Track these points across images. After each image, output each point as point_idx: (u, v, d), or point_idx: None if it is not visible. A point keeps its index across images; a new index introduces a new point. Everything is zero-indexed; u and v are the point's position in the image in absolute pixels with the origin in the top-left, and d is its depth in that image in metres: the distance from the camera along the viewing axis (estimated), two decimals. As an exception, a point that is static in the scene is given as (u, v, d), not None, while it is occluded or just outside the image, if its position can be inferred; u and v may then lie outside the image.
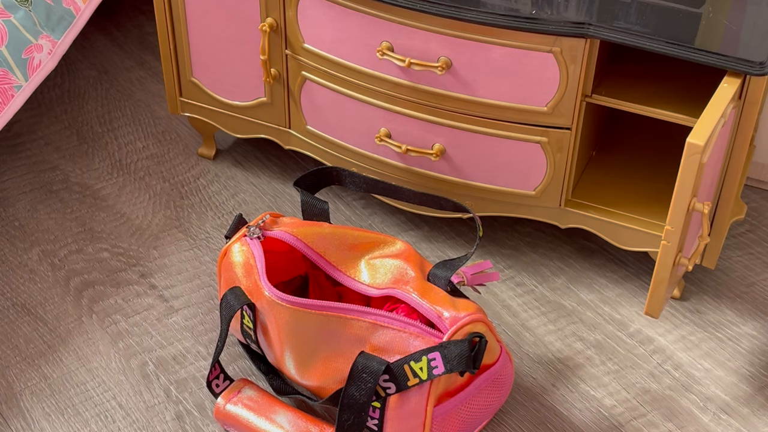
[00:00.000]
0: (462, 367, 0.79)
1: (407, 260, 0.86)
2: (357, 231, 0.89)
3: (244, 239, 0.89)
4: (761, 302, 1.02)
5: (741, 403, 0.92)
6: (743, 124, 0.89)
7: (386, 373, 0.79)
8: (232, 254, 0.89)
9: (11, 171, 1.18)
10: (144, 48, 1.38)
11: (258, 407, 0.87)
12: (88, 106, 1.28)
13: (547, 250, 1.08)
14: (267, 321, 0.87)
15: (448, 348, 0.79)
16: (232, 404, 0.87)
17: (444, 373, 0.79)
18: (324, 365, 0.84)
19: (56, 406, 0.91)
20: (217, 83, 1.11)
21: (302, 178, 0.95)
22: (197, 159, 1.20)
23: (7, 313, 1.00)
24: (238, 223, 0.91)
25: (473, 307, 0.82)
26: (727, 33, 0.90)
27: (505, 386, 0.87)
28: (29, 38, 1.10)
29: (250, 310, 0.88)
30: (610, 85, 0.94)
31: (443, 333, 0.80)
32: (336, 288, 0.95)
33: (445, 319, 0.81)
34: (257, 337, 0.89)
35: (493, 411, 0.87)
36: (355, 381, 0.80)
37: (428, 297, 0.82)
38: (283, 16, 1.01)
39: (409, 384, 0.79)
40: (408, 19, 0.92)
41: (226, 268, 0.90)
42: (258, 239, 0.88)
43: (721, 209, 0.95)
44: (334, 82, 1.01)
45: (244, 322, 0.89)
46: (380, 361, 0.79)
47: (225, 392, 0.88)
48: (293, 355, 0.86)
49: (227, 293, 0.88)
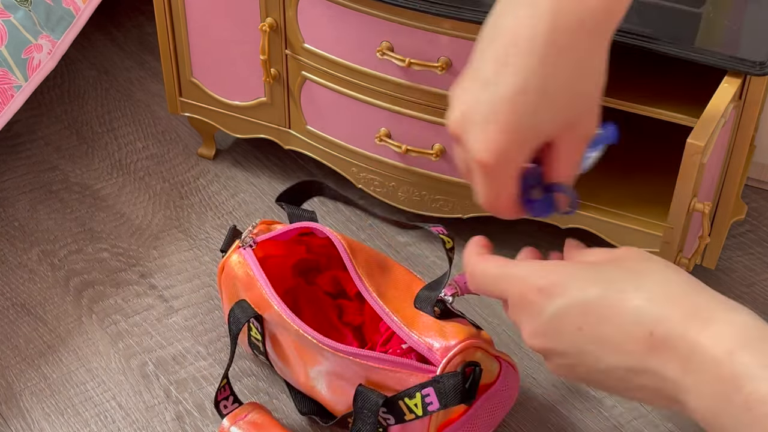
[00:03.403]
0: (457, 401, 0.77)
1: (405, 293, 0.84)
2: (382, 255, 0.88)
3: (239, 251, 0.88)
4: (761, 302, 1.02)
5: (741, 404, 0.92)
6: (743, 124, 0.89)
7: (384, 407, 0.79)
8: (231, 267, 0.88)
9: (11, 171, 1.18)
10: (144, 48, 1.38)
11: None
12: (88, 106, 1.28)
13: (547, 250, 1.08)
14: (277, 332, 0.86)
15: (442, 382, 0.77)
16: (237, 427, 0.85)
17: (439, 409, 0.77)
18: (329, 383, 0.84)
19: (56, 406, 0.91)
20: (217, 83, 1.11)
21: (284, 194, 0.94)
22: (197, 159, 1.20)
23: (7, 313, 1.00)
24: (233, 236, 0.90)
25: (464, 333, 0.79)
26: (727, 33, 0.90)
27: (509, 398, 0.86)
28: (29, 38, 1.10)
29: (257, 322, 0.86)
30: (610, 85, 0.94)
31: (436, 366, 0.78)
32: (336, 301, 0.94)
33: (435, 351, 0.78)
34: (266, 348, 0.88)
35: (497, 421, 0.87)
36: (358, 416, 0.80)
37: (416, 328, 0.80)
38: (283, 16, 1.01)
39: (406, 419, 0.79)
40: (408, 19, 0.92)
41: (226, 282, 0.89)
42: (250, 247, 0.87)
43: (721, 209, 0.95)
44: (334, 82, 1.01)
45: (252, 335, 0.88)
46: (378, 395, 0.79)
47: (232, 414, 0.86)
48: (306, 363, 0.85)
49: (234, 307, 0.87)
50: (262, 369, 0.94)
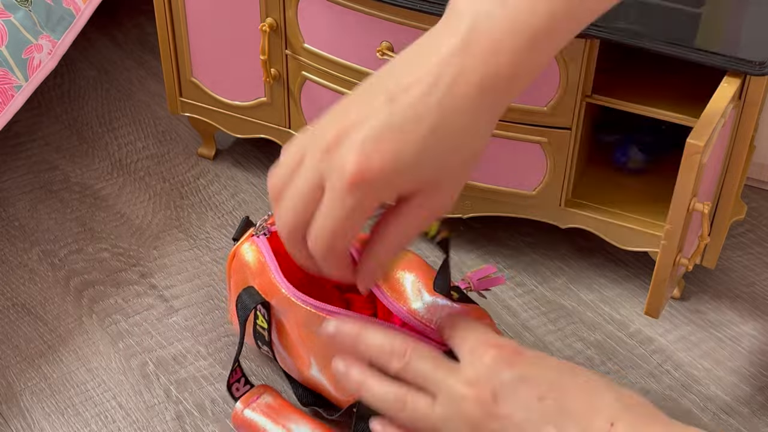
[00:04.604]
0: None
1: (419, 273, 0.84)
2: None
3: (252, 239, 0.88)
4: (761, 302, 1.02)
5: (741, 403, 0.92)
6: (743, 124, 0.89)
7: None
8: (242, 254, 0.88)
9: (11, 171, 1.18)
10: (144, 48, 1.38)
11: (275, 415, 0.86)
12: (88, 106, 1.28)
13: (547, 250, 1.08)
14: (284, 318, 0.86)
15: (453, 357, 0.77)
16: (251, 410, 0.86)
17: None
18: None
19: (56, 406, 0.91)
20: (217, 83, 1.11)
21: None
22: (197, 159, 1.20)
23: (7, 313, 1.00)
24: (246, 225, 0.90)
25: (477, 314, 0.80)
26: (727, 33, 0.90)
27: None
28: (29, 38, 1.10)
29: (264, 309, 0.86)
30: (610, 85, 0.94)
31: None
32: (345, 294, 0.94)
33: None
34: (271, 338, 0.88)
35: None
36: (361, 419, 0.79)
37: None
38: (283, 16, 1.01)
39: None
40: (408, 19, 0.92)
41: (236, 269, 0.89)
42: (264, 236, 0.87)
43: (721, 209, 0.95)
44: (334, 82, 1.01)
45: (258, 323, 0.88)
46: None
47: (244, 397, 0.87)
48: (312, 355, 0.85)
49: (242, 293, 0.86)
50: (262, 369, 0.94)
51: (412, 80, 0.63)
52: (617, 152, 1.04)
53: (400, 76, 0.64)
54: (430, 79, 0.63)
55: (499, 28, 0.62)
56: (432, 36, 0.65)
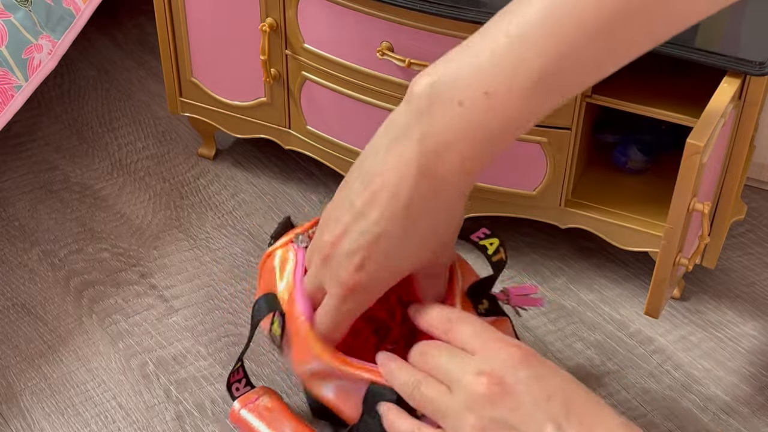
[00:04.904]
0: None
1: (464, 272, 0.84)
2: None
3: (290, 245, 0.85)
4: (761, 302, 1.02)
5: (741, 403, 0.92)
6: (743, 124, 0.89)
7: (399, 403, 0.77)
8: (274, 260, 0.85)
9: (11, 171, 1.18)
10: (144, 48, 1.38)
11: (270, 419, 0.85)
12: (88, 106, 1.28)
13: (547, 250, 1.08)
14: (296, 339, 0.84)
15: None
16: (247, 410, 0.86)
17: None
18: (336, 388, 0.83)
19: (56, 406, 0.91)
20: (217, 83, 1.11)
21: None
22: (197, 159, 1.20)
23: (7, 313, 1.00)
24: (285, 226, 0.87)
25: None
26: (727, 33, 0.90)
27: None
28: (29, 38, 1.10)
29: (281, 317, 0.85)
30: (610, 85, 0.94)
31: None
32: None
33: None
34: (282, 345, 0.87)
35: None
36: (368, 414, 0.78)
37: None
38: (283, 16, 1.01)
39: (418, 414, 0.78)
40: (408, 19, 0.92)
41: (267, 271, 0.86)
42: (305, 248, 0.84)
43: (721, 209, 0.95)
44: (334, 82, 1.01)
45: (273, 327, 0.86)
46: (391, 392, 0.77)
47: (243, 396, 0.86)
48: None
49: (260, 298, 0.84)
50: (262, 369, 0.94)
51: (376, 187, 0.70)
52: (617, 152, 1.04)
53: (369, 179, 0.71)
54: (394, 179, 0.69)
55: (454, 131, 0.68)
56: (391, 129, 0.72)
